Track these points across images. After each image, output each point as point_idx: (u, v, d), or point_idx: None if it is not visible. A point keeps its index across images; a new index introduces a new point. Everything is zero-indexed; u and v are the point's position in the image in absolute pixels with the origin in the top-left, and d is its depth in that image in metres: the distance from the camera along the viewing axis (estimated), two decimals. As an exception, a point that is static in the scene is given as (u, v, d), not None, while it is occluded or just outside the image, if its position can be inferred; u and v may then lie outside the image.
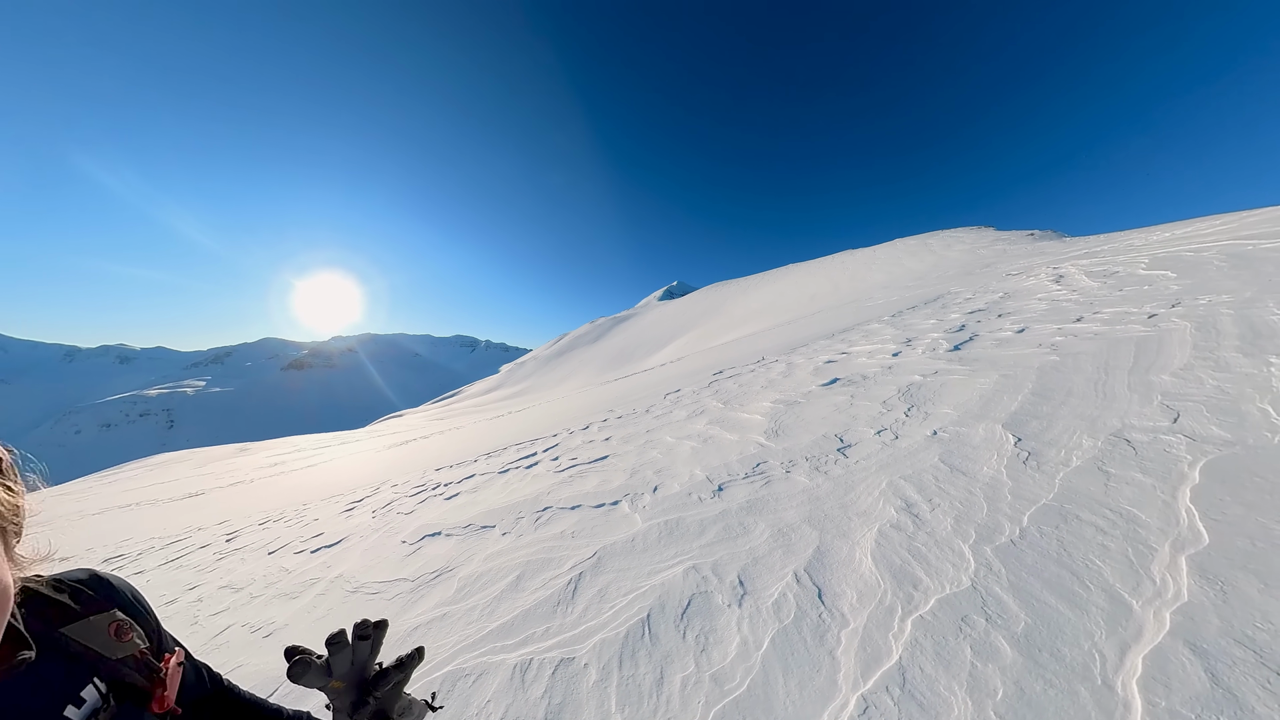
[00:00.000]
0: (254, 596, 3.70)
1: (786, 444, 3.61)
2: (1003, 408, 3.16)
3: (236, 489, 12.06)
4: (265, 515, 7.06)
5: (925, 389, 3.95)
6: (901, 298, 15.01)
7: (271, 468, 13.21)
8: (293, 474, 11.39)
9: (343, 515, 5.64)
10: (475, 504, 4.55)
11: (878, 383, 4.58)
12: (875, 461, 2.90)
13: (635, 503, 3.39)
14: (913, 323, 8.05)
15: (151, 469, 23.92)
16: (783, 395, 5.21)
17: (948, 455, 2.70)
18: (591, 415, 7.89)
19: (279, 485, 10.67)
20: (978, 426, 2.97)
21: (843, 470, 2.91)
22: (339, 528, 5.03)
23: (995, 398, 3.36)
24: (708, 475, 3.49)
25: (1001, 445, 2.66)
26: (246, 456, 18.63)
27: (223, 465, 17.71)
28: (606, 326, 68.85)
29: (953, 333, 6.01)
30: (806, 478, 2.96)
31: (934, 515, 2.14)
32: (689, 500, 3.15)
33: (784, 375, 6.39)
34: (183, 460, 23.75)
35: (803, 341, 10.10)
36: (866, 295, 21.86)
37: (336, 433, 24.45)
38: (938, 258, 35.98)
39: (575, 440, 6.09)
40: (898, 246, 44.83)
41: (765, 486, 3.01)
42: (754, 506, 2.80)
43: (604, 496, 3.70)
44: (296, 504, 7.38)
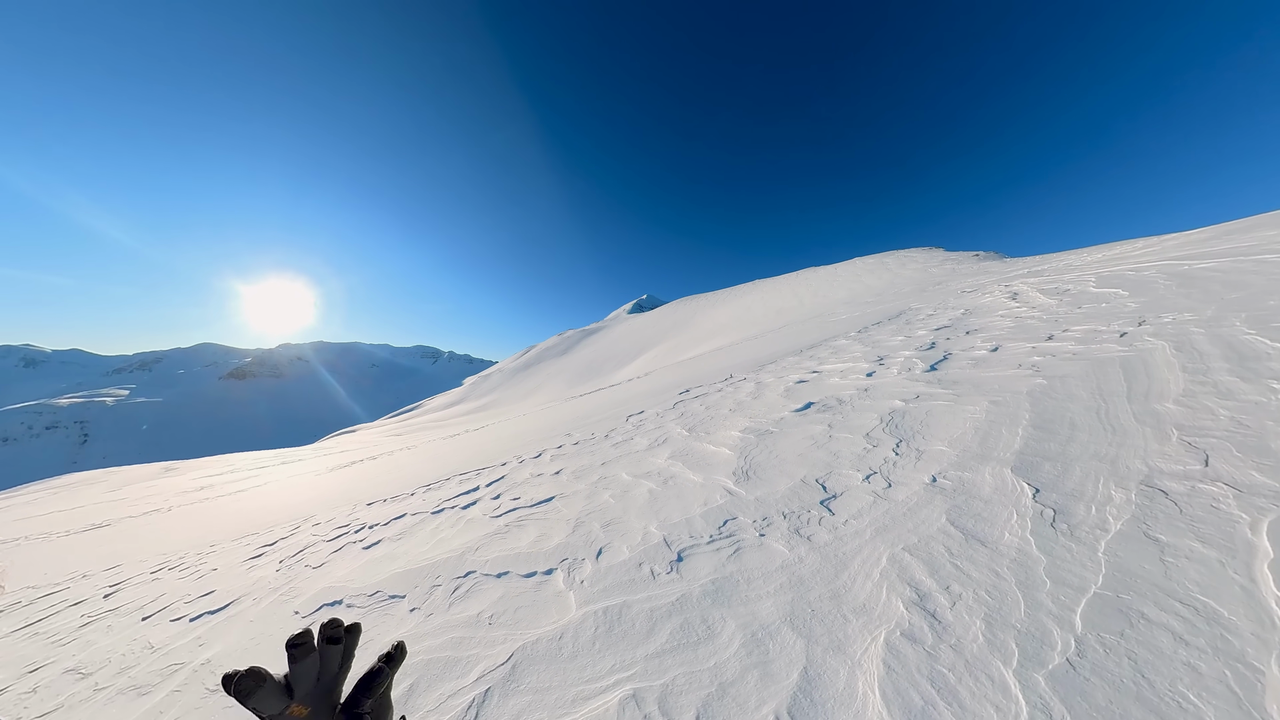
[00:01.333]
0: (98, 689, 2.87)
1: (759, 492, 3.03)
2: (1005, 444, 2.68)
3: (149, 519, 10.56)
4: (163, 559, 5.96)
5: (910, 418, 3.46)
6: (865, 313, 14.97)
7: (197, 492, 11.72)
8: (218, 500, 10.07)
9: (246, 565, 4.72)
10: (394, 558, 3.74)
11: (856, 409, 4.09)
12: (869, 521, 2.34)
13: (573, 573, 2.69)
14: (881, 339, 7.73)
15: (56, 492, 20.91)
16: (753, 422, 4.66)
17: (957, 514, 2.17)
18: (548, 439, 7.16)
19: (198, 516, 9.35)
20: (983, 470, 2.46)
21: (830, 535, 2.34)
22: (235, 584, 4.19)
23: (993, 431, 2.88)
24: (665, 536, 2.84)
25: (1018, 498, 2.15)
26: (172, 478, 16.69)
27: (142, 488, 15.69)
28: (575, 339, 67.72)
29: (925, 350, 5.65)
30: (785, 545, 2.37)
31: (956, 615, 1.58)
32: (639, 575, 2.48)
33: (753, 397, 5.87)
34: (96, 482, 21.03)
35: (771, 358, 9.70)
36: (830, 311, 21.99)
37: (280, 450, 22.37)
38: (894, 275, 37.04)
39: (523, 472, 5.36)
40: (857, 265, 46.12)
41: (735, 558, 2.39)
42: (721, 591, 2.17)
43: (537, 561, 2.99)
44: (204, 544, 6.30)
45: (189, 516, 9.52)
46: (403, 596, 3.02)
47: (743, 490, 3.12)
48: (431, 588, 3.02)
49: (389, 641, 1.59)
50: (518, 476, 5.21)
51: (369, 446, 15.96)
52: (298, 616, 3.17)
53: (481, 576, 2.96)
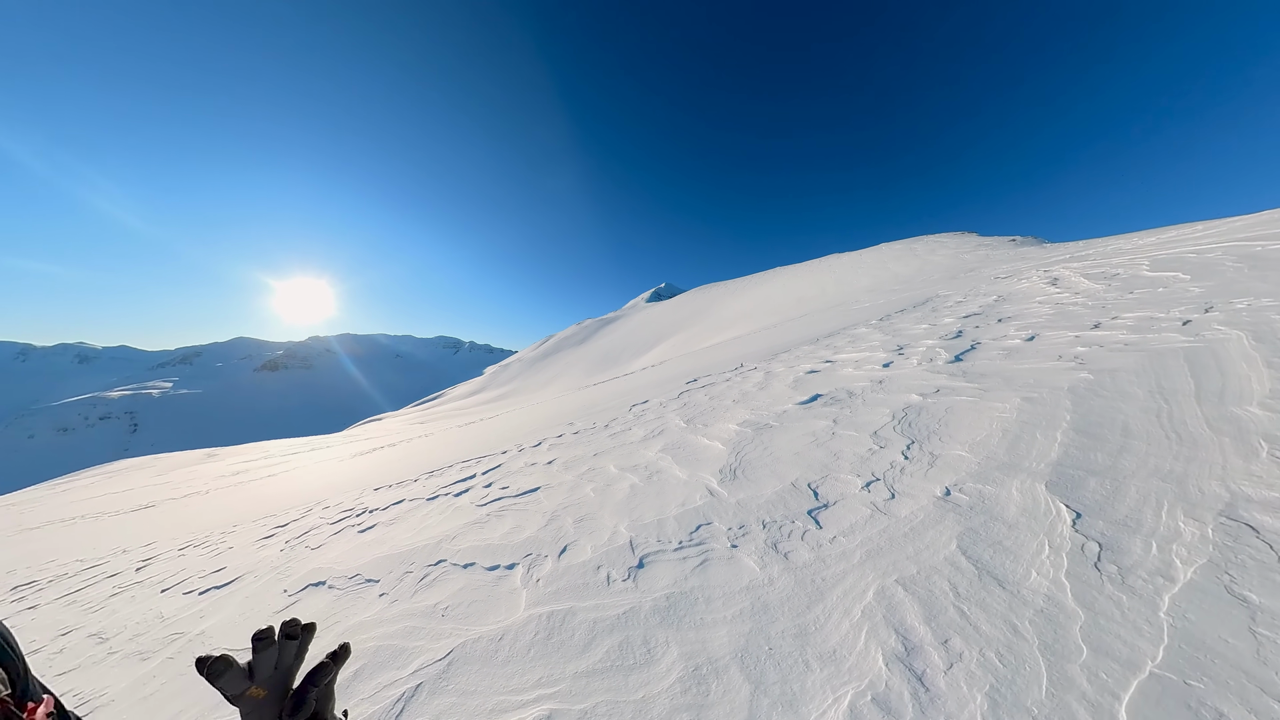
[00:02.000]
0: (111, 653, 3.04)
1: (743, 494, 2.64)
2: (1038, 452, 2.21)
3: (188, 501, 10.96)
4: (191, 538, 6.10)
5: (927, 415, 2.99)
6: (889, 301, 14.14)
7: (233, 476, 12.12)
8: (250, 485, 10.33)
9: (258, 544, 4.81)
10: (381, 543, 3.74)
11: (866, 402, 3.63)
12: (860, 540, 1.93)
13: (532, 570, 2.49)
14: (903, 327, 7.13)
15: (110, 476, 22.28)
16: (754, 414, 4.25)
17: (971, 540, 1.75)
18: (551, 428, 6.91)
19: (230, 498, 9.60)
20: (1009, 484, 2.01)
21: (811, 553, 1.95)
22: (245, 561, 4.30)
23: (1024, 435, 2.40)
24: (632, 538, 2.53)
25: (1052, 525, 1.71)
26: (212, 463, 17.45)
27: (185, 473, 16.41)
28: (593, 328, 67.45)
29: (950, 339, 5.08)
30: (758, 561, 2.00)
31: (950, 683, 1.18)
32: (594, 579, 2.22)
33: (760, 387, 5.44)
34: (144, 467, 22.24)
35: (786, 346, 9.18)
36: (853, 298, 21.00)
37: (310, 437, 23.17)
38: (922, 262, 35.25)
39: (519, 461, 5.12)
40: (883, 251, 44.08)
41: (699, 570, 2.05)
42: (673, 608, 1.85)
43: (502, 554, 2.82)
44: (228, 525, 6.40)
45: (222, 499, 9.78)
46: (377, 581, 3.02)
47: (725, 491, 2.75)
48: (404, 574, 3.01)
49: (338, 640, 1.67)
50: (513, 465, 4.99)
51: (391, 434, 16.20)
52: (286, 595, 3.23)
53: (450, 566, 2.90)
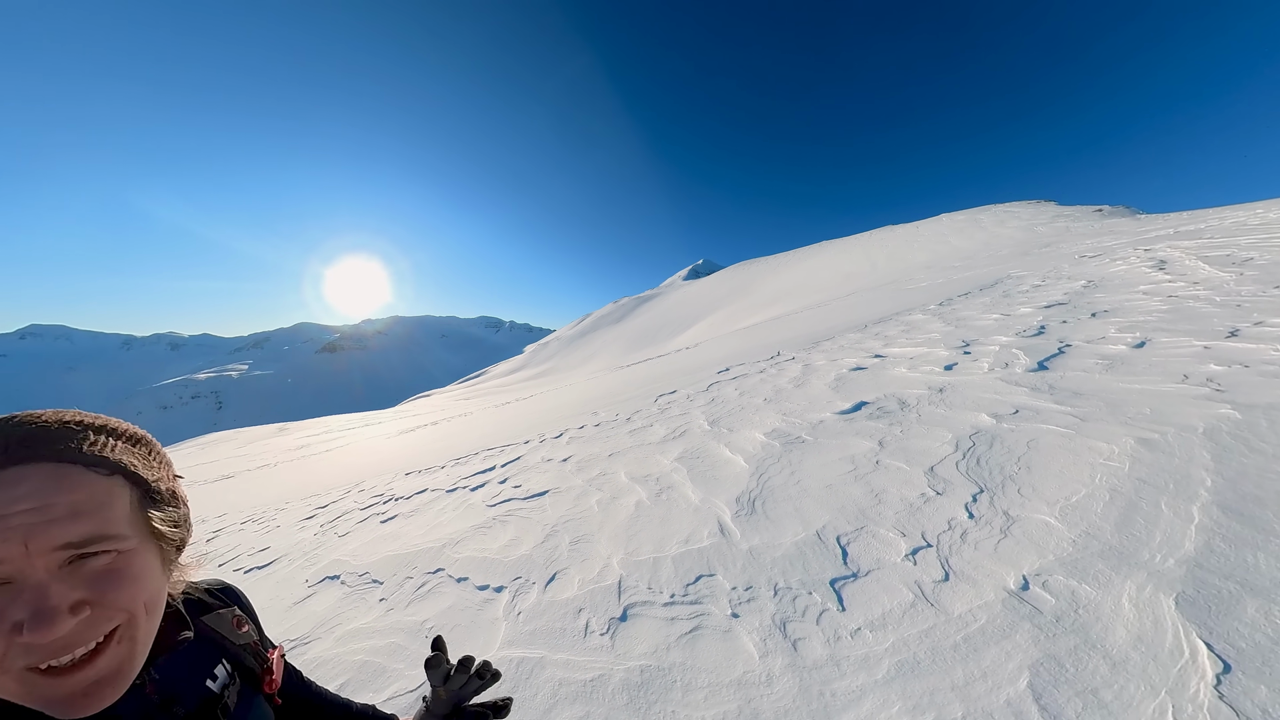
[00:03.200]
0: None
1: (758, 539, 2.15)
2: (1164, 537, 1.54)
3: (261, 473, 11.79)
4: (253, 512, 6.43)
5: (1002, 448, 2.34)
6: (949, 281, 12.69)
7: (298, 450, 12.92)
8: (310, 459, 10.91)
9: (299, 524, 4.93)
10: (395, 538, 3.66)
11: (923, 419, 2.98)
12: (892, 644, 1.42)
13: (516, 599, 2.29)
14: (968, 316, 6.17)
15: (202, 448, 24.75)
16: (785, 421, 3.70)
17: (1050, 678, 1.17)
18: (576, 416, 6.62)
19: (292, 473, 10.19)
20: (1118, 588, 1.39)
21: (825, 649, 1.48)
22: (285, 542, 4.41)
23: (1142, 501, 1.74)
24: (622, 578, 2.18)
25: (1182, 677, 1.08)
26: (282, 437, 18.83)
27: (260, 446, 17.74)
28: (630, 306, 66.69)
29: (1030, 338, 4.22)
30: (757, 646, 1.56)
31: None
32: (572, 625, 1.95)
33: (795, 384, 4.83)
34: (228, 440, 24.48)
35: (829, 333, 8.35)
36: (907, 276, 19.19)
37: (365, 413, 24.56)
38: (989, 235, 31.69)
39: (538, 455, 4.86)
40: (943, 222, 40.01)
41: (686, 641, 1.67)
42: (644, 689, 1.50)
43: (495, 572, 2.64)
44: (283, 501, 6.69)
45: (285, 473, 10.39)
46: (381, 583, 2.97)
47: (738, 530, 2.27)
48: (405, 579, 2.93)
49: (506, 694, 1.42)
50: (531, 459, 4.75)
51: (436, 411, 16.72)
52: (306, 585, 3.24)
53: (446, 578, 2.78)
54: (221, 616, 0.62)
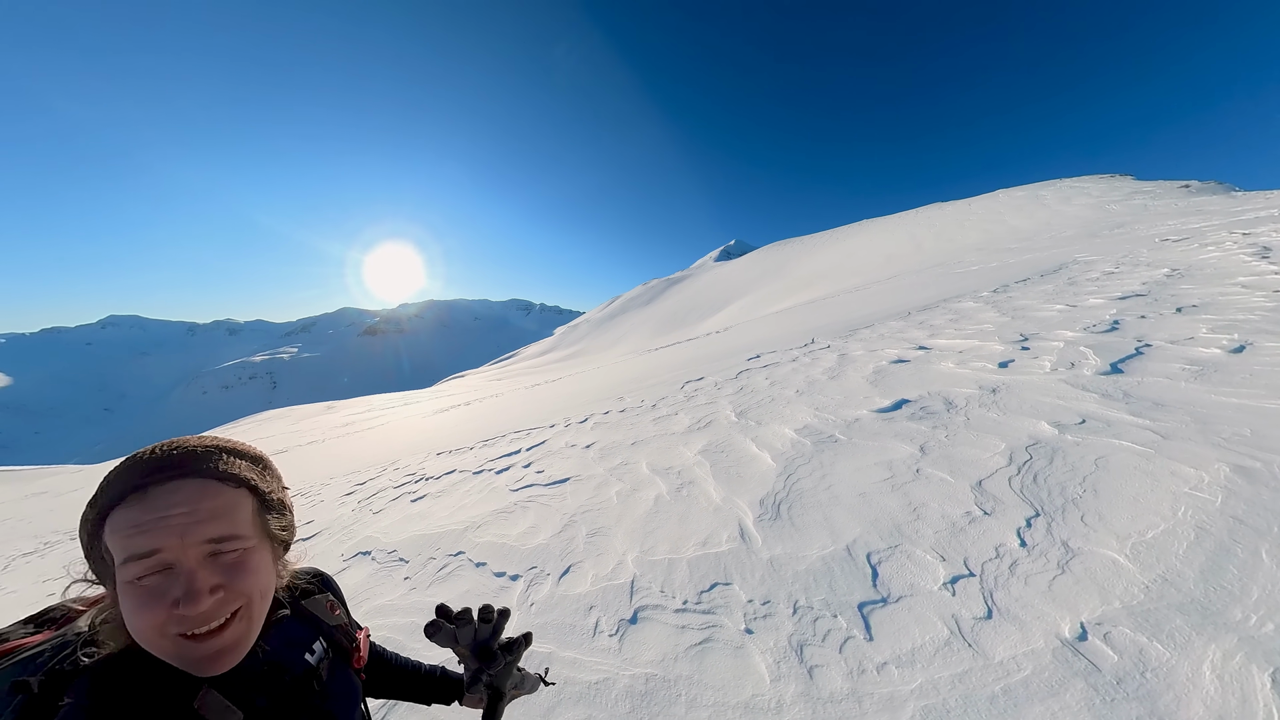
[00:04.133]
0: None
1: (781, 548, 1.99)
2: (1262, 593, 1.25)
3: (310, 449, 12.52)
4: (301, 487, 6.80)
5: (1064, 464, 2.05)
6: (1004, 264, 11.67)
7: (344, 427, 13.65)
8: (353, 436, 11.48)
9: (340, 500, 5.17)
10: (424, 518, 3.74)
11: (971, 423, 2.69)
12: (920, 685, 1.25)
13: (530, 590, 2.29)
14: (1026, 305, 5.60)
15: (259, 424, 26.63)
16: (818, 417, 3.47)
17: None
18: (602, 401, 6.57)
19: (338, 449, 10.74)
20: (1199, 651, 1.15)
21: (845, 682, 1.33)
22: (326, 516, 4.64)
23: (1235, 543, 1.40)
24: (635, 577, 2.12)
25: None
26: (330, 415, 19.94)
27: (310, 423, 18.85)
28: (660, 288, 65.52)
29: (1102, 334, 3.74)
30: (769, 668, 1.44)
31: None
32: (583, 622, 1.93)
33: (830, 375, 4.55)
34: (283, 417, 26.23)
35: (868, 319, 7.86)
36: (956, 259, 17.82)
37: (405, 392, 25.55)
38: (1051, 214, 28.81)
39: (563, 439, 4.85)
40: (999, 199, 36.62)
41: (695, 653, 1.59)
42: (647, 700, 1.46)
43: (512, 559, 2.65)
44: (327, 476, 7.06)
45: (332, 449, 10.98)
46: (407, 562, 3.04)
47: (760, 536, 2.12)
48: (428, 560, 3.00)
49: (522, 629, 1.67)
50: (556, 444, 4.74)
51: (470, 391, 17.15)
52: (341, 559, 3.37)
53: (466, 561, 2.82)
54: (318, 601, 0.72)
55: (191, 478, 0.51)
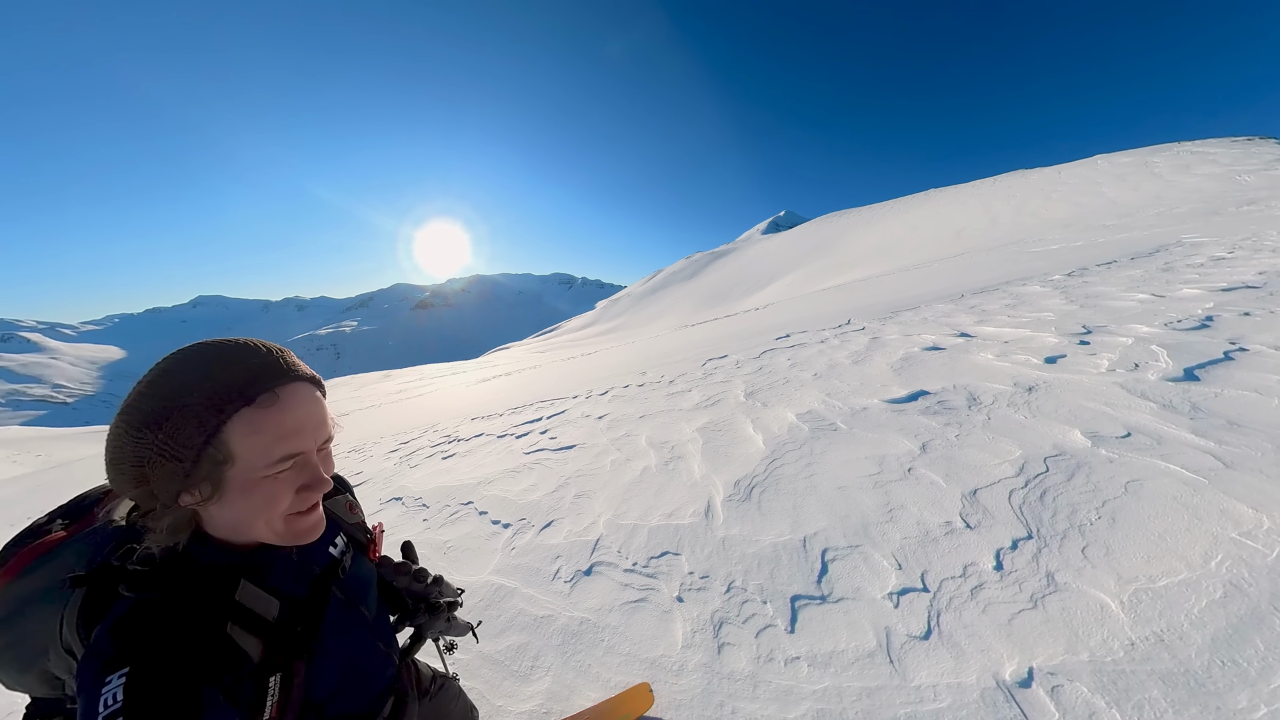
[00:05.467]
0: None
1: (738, 528, 1.85)
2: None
3: (368, 412, 13.57)
4: (356, 444, 7.32)
5: (1084, 486, 1.65)
6: (1091, 244, 9.97)
7: (397, 394, 14.65)
8: (405, 402, 12.25)
9: (385, 456, 5.59)
10: (449, 473, 3.97)
11: (992, 424, 2.31)
12: (823, 693, 1.11)
13: (515, 537, 2.47)
14: (1103, 293, 4.74)
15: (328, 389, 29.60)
16: (825, 403, 3.17)
17: None
18: (626, 375, 6.48)
19: (392, 412, 11.56)
20: None
21: (750, 664, 1.27)
22: (373, 468, 5.05)
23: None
24: (601, 535, 2.19)
25: None
26: (386, 383, 21.42)
27: (370, 390, 20.26)
28: (703, 262, 62.58)
29: (1185, 331, 3.05)
30: (685, 634, 1.45)
31: None
32: (548, 567, 2.08)
33: (855, 360, 4.14)
34: (346, 384, 28.45)
35: (915, 301, 7.08)
36: (1036, 236, 15.47)
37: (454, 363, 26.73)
38: (1163, 185, 23.93)
39: (581, 410, 4.86)
40: (1097, 166, 30.76)
41: (627, 609, 1.66)
42: (577, 638, 1.61)
43: (509, 510, 2.83)
44: (378, 436, 7.60)
45: (387, 413, 11.81)
46: (428, 508, 3.28)
47: (724, 515, 2.00)
48: (444, 506, 3.19)
49: None
50: (574, 413, 4.77)
51: (512, 363, 17.67)
52: (379, 503, 3.70)
53: (473, 509, 2.99)
54: (338, 501, 0.77)
55: (303, 382, 0.55)
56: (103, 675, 0.43)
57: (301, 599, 0.59)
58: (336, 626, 0.63)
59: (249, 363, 0.51)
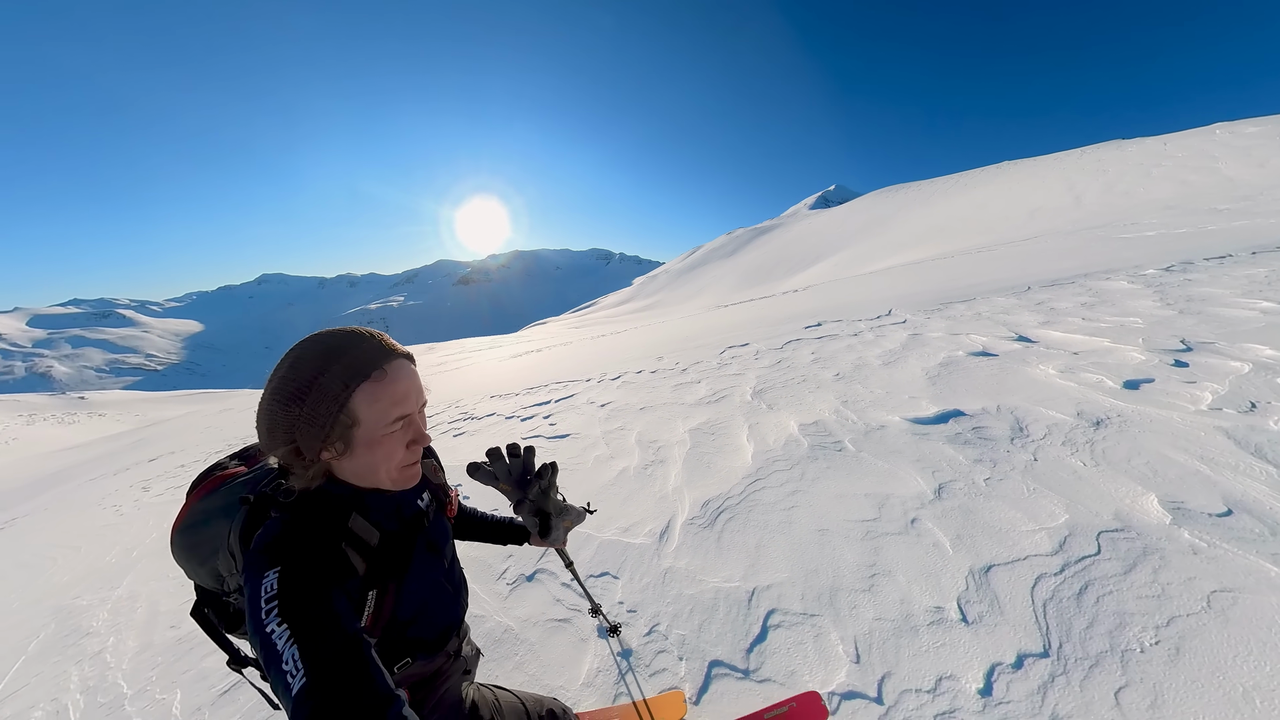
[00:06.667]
0: None
1: (684, 563, 1.57)
2: None
3: None
4: None
5: (1147, 590, 1.15)
6: (1198, 231, 8.16)
7: (438, 366, 15.03)
8: (445, 374, 12.50)
9: None
10: (452, 452, 3.99)
11: (1037, 472, 1.80)
12: None
13: None
14: (1210, 296, 3.76)
15: None
16: (837, 413, 2.70)
17: None
18: (642, 359, 6.13)
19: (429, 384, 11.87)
20: None
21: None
22: None
23: None
24: None
25: None
26: (430, 355, 21.95)
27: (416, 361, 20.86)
28: (745, 239, 58.51)
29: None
30: (587, 672, 1.31)
31: None
32: (496, 565, 1.98)
33: (886, 361, 3.57)
34: None
35: (969, 292, 6.12)
36: (1130, 219, 13.00)
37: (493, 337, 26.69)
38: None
39: (589, 395, 4.64)
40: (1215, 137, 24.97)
41: (546, 629, 1.54)
42: (494, 649, 1.44)
43: (484, 498, 2.65)
44: None
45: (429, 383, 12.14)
46: None
47: (678, 540, 1.74)
48: None
49: None
50: (581, 399, 4.56)
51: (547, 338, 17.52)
52: None
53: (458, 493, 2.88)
54: (426, 464, 0.83)
55: (403, 359, 0.66)
56: (262, 571, 0.55)
57: (395, 534, 0.72)
58: (418, 565, 0.74)
59: (363, 347, 0.62)
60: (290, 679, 0.47)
